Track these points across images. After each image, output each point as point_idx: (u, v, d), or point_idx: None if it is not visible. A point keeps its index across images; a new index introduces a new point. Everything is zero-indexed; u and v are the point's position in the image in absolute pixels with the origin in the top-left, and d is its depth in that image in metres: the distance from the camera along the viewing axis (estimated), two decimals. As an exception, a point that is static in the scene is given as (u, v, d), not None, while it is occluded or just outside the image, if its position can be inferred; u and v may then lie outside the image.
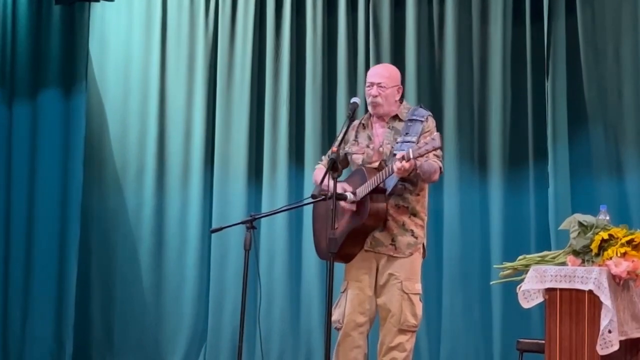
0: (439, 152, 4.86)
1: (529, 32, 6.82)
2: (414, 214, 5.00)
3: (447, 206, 6.90)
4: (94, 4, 7.64)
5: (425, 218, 5.09)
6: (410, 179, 4.93)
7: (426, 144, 4.64)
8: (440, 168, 4.94)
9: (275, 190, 7.22)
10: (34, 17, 7.70)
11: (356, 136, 5.09)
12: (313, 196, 4.87)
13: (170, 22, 7.61)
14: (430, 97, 7.04)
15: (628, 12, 6.66)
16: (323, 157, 5.34)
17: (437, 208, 6.92)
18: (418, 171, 4.79)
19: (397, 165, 4.68)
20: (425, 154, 4.66)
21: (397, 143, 4.96)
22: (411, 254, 4.98)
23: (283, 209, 6.03)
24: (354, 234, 4.93)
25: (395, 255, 4.96)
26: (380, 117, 5.09)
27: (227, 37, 7.44)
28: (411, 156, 4.63)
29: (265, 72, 7.36)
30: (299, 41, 7.34)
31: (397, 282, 4.93)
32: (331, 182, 4.63)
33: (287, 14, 7.32)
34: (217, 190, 7.38)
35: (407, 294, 4.92)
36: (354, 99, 5.01)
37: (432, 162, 4.85)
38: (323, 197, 4.75)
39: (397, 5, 7.14)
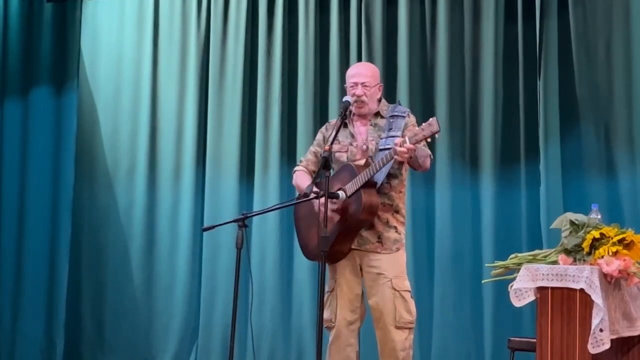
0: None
1: (521, 31, 6.82)
2: (397, 210, 5.01)
3: (439, 204, 6.90)
4: (85, 2, 7.66)
5: (405, 215, 5.10)
6: (395, 174, 4.95)
7: (423, 129, 4.64)
8: (430, 155, 4.94)
9: (267, 188, 7.23)
10: (26, 14, 7.70)
11: (337, 135, 5.04)
12: (305, 195, 4.86)
13: (162, 20, 7.61)
14: (422, 95, 7.05)
15: (619, 10, 6.66)
16: (302, 159, 5.32)
17: (429, 206, 6.93)
18: (415, 154, 4.76)
19: (397, 149, 4.65)
20: (423, 139, 4.66)
21: (381, 139, 4.97)
22: (397, 249, 4.99)
23: (275, 207, 6.04)
24: (346, 231, 4.92)
25: (382, 252, 4.95)
26: (362, 116, 5.09)
27: (219, 35, 7.44)
28: (407, 142, 4.63)
29: (257, 71, 7.36)
30: (291, 40, 7.34)
31: (386, 281, 4.92)
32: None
33: (279, 13, 7.32)
34: (208, 188, 7.37)
35: (398, 291, 4.92)
36: (345, 98, 5.03)
37: (422, 148, 4.84)
38: (315, 195, 4.75)
39: (389, 4, 7.14)
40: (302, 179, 5.17)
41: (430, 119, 4.67)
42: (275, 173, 7.21)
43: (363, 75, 5.09)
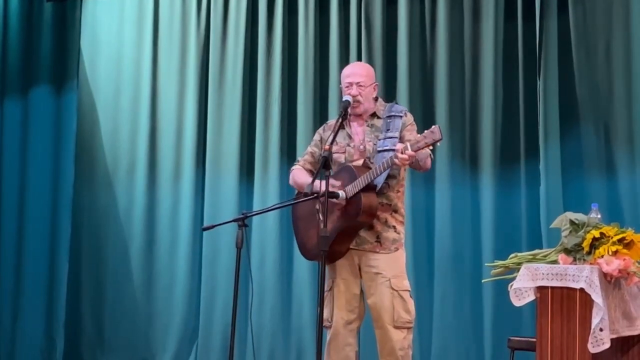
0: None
1: (520, 31, 6.83)
2: (395, 210, 5.00)
3: (439, 204, 6.90)
4: (85, 1, 7.66)
5: (404, 214, 5.09)
6: (394, 174, 4.94)
7: (425, 137, 4.64)
8: (430, 155, 4.93)
9: (267, 188, 7.23)
10: (26, 14, 7.69)
11: (336, 135, 5.01)
12: (305, 194, 4.86)
13: (162, 19, 7.61)
14: (422, 95, 7.05)
15: (619, 10, 6.67)
16: (299, 159, 5.32)
17: (429, 206, 6.94)
18: (416, 157, 4.76)
19: (398, 156, 4.65)
20: (425, 146, 4.65)
21: (379, 140, 4.97)
22: (396, 249, 4.98)
23: (275, 206, 6.05)
24: (345, 232, 4.91)
25: (380, 251, 4.95)
26: (359, 116, 5.08)
27: (219, 34, 7.44)
28: (409, 149, 4.63)
29: (257, 70, 7.36)
30: (291, 39, 7.34)
31: (385, 281, 4.91)
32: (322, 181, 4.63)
33: (279, 12, 7.32)
34: (208, 188, 7.37)
35: (396, 291, 4.91)
36: (345, 98, 5.01)
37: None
38: (315, 195, 4.75)
39: (389, 4, 7.14)
40: (300, 175, 5.16)
41: (433, 127, 4.65)
42: (275, 172, 7.21)
43: (358, 75, 5.07)
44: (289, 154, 7.19)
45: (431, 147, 4.68)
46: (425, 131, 4.67)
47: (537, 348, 4.26)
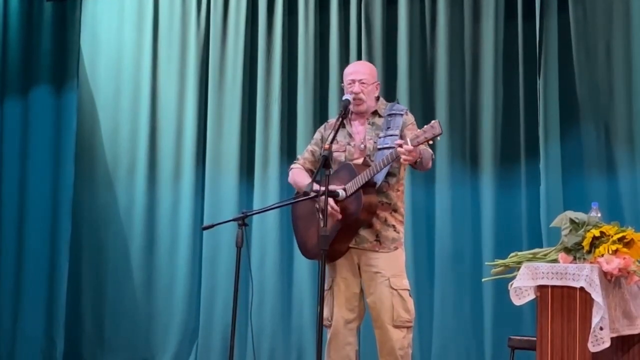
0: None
1: (521, 30, 6.83)
2: (395, 209, 5.00)
3: (439, 203, 6.90)
4: (85, 1, 7.66)
5: (404, 214, 5.08)
6: (393, 172, 4.94)
7: (425, 132, 4.63)
8: (432, 155, 4.94)
9: (267, 187, 7.23)
10: (25, 14, 7.70)
11: (336, 134, 5.01)
12: (305, 193, 4.85)
13: (162, 19, 7.61)
14: (422, 94, 7.05)
15: (619, 9, 6.67)
16: (299, 157, 5.33)
17: (429, 205, 6.94)
18: (420, 156, 4.77)
19: (400, 151, 4.64)
20: (425, 141, 4.64)
21: (379, 138, 4.97)
22: (396, 248, 4.98)
23: (275, 206, 6.05)
24: (345, 230, 4.91)
25: (380, 250, 4.94)
26: (360, 115, 5.08)
27: (219, 34, 7.44)
28: (409, 144, 4.63)
29: (257, 70, 7.36)
30: (290, 39, 7.34)
31: (384, 280, 4.91)
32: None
33: (279, 12, 7.32)
34: (208, 187, 7.37)
35: (396, 290, 4.90)
36: (345, 96, 5.02)
37: (426, 149, 4.83)
38: (315, 194, 4.74)
39: (389, 4, 7.14)
40: (299, 176, 5.17)
41: (433, 122, 4.65)
42: (275, 172, 7.21)
43: (360, 72, 5.08)
44: (289, 154, 7.19)
45: (431, 142, 4.67)
46: (425, 126, 4.66)
47: (538, 347, 4.26)
